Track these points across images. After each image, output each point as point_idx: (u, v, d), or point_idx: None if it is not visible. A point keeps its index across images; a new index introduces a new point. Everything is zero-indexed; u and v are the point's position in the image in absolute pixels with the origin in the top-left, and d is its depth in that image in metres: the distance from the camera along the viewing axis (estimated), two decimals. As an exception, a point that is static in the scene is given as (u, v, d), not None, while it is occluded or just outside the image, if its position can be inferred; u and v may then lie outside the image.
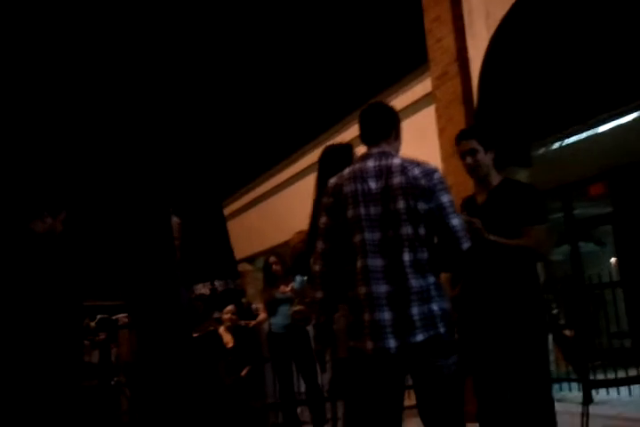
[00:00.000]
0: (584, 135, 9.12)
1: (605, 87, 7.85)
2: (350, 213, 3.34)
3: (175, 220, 5.20)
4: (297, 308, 7.00)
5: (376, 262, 3.26)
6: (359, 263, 3.28)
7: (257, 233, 16.18)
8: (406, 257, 3.24)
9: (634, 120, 8.50)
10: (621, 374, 7.12)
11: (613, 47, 7.54)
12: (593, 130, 9.01)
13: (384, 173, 3.36)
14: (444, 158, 8.25)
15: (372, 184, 3.35)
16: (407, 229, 3.26)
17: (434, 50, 9.05)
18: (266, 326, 7.94)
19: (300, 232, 6.61)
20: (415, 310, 3.20)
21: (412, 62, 10.64)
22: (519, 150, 8.73)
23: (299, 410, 7.86)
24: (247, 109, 18.30)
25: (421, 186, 3.28)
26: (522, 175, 8.35)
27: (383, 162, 3.40)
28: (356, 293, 3.29)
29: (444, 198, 3.30)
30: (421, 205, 3.27)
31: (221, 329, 8.84)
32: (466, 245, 3.29)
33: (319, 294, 3.48)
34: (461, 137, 4.44)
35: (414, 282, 3.22)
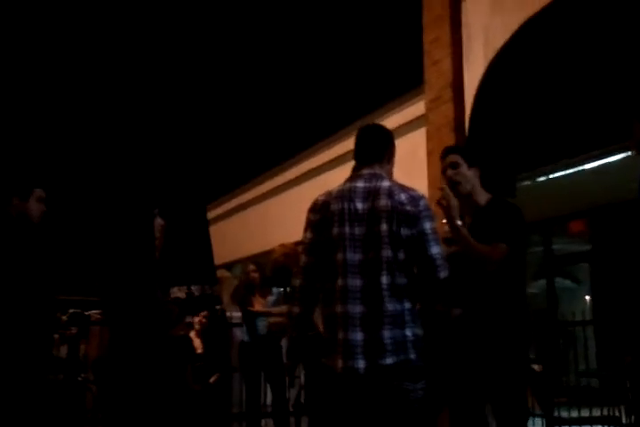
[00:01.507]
0: (570, 171, 9.19)
1: (597, 125, 7.92)
2: (335, 231, 3.36)
3: (159, 221, 5.21)
4: (274, 319, 7.01)
5: (355, 282, 3.28)
6: (339, 282, 3.29)
7: (237, 240, 16.15)
8: (384, 280, 3.25)
9: (621, 160, 8.57)
10: (585, 414, 7.13)
11: (609, 86, 7.62)
12: (580, 166, 9.08)
13: (372, 194, 3.37)
14: (431, 180, 8.28)
15: (359, 205, 3.37)
16: (387, 253, 3.27)
17: (430, 72, 9.04)
18: (239, 334, 7.94)
19: (282, 245, 6.65)
20: (387, 334, 3.21)
21: (409, 82, 10.67)
22: (505, 180, 8.78)
23: (263, 422, 7.85)
24: (239, 119, 18.31)
25: (406, 211, 3.30)
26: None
27: (372, 184, 3.42)
28: (334, 311, 3.30)
29: (427, 226, 3.32)
30: (404, 231, 3.29)
31: (192, 334, 8.83)
32: (443, 274, 3.31)
33: (296, 309, 3.50)
34: (447, 152, 4.38)
35: (390, 305, 3.24)
